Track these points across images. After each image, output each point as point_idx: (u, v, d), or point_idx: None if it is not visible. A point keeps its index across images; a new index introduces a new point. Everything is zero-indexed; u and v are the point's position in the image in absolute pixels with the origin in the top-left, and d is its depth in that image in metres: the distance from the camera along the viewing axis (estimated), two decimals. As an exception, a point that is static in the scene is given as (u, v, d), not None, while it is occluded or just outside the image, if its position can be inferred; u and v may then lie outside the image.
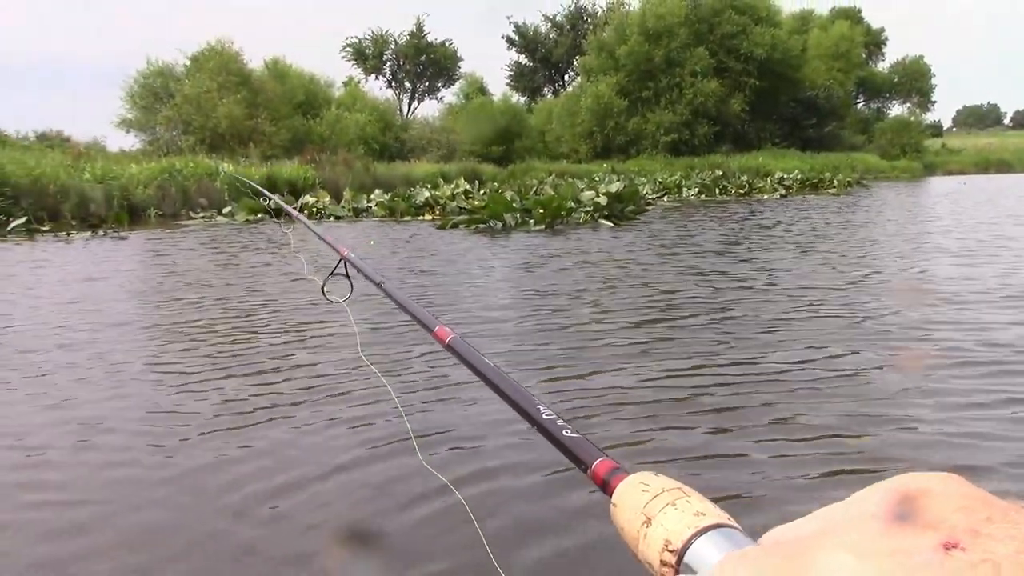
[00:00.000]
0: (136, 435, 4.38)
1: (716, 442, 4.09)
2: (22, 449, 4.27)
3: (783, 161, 47.21)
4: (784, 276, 9.80)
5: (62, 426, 4.60)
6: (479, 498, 3.40)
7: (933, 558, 0.31)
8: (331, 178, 30.32)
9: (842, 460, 3.82)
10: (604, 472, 0.75)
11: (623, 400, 4.79)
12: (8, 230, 18.74)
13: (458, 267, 11.63)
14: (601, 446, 0.80)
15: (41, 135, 44.47)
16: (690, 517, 0.57)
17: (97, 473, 3.91)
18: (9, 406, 5.07)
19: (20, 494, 3.72)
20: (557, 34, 72.08)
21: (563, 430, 0.89)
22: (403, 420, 4.22)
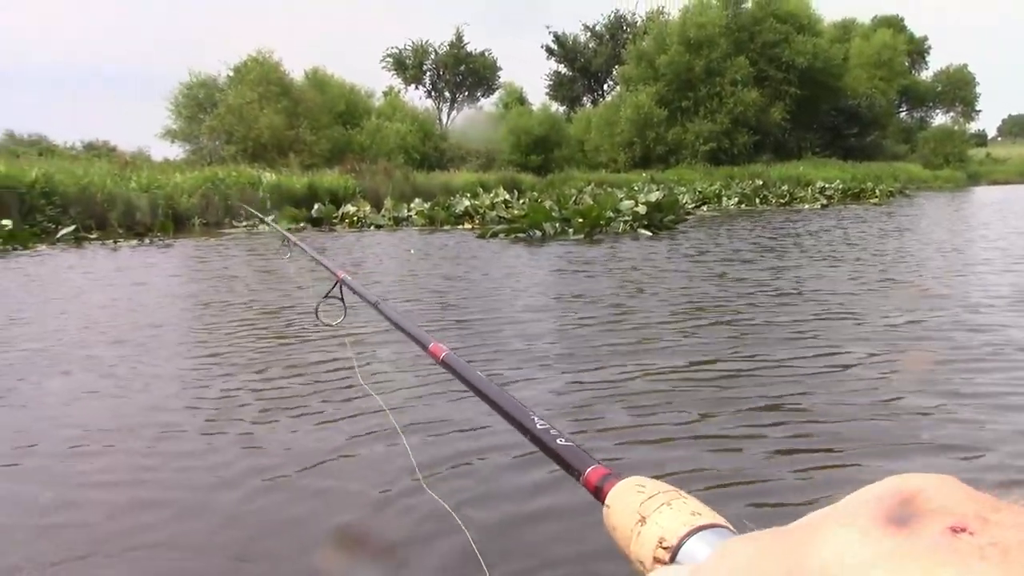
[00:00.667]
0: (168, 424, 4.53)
1: (746, 455, 4.13)
2: (86, 433, 4.60)
3: (824, 171, 46.78)
4: (816, 285, 9.77)
5: (122, 418, 4.82)
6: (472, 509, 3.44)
7: (941, 540, 0.31)
8: (371, 187, 30.57)
9: (874, 473, 3.84)
10: (597, 479, 0.76)
11: (643, 405, 4.84)
12: (57, 237, 19.11)
13: (497, 274, 11.71)
14: (597, 454, 0.82)
15: (88, 145, 45.33)
16: (686, 516, 0.59)
17: (150, 458, 4.13)
18: (72, 398, 5.37)
19: (85, 475, 3.98)
20: (596, 43, 72.06)
21: (556, 439, 0.91)
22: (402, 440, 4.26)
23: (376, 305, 2.06)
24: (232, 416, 4.85)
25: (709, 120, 52.88)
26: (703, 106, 53.48)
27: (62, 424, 4.82)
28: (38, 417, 5.02)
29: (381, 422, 4.47)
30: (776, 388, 5.19)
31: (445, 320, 8.08)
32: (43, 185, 21.42)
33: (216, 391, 5.43)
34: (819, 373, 5.57)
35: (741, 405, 4.86)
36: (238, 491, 3.70)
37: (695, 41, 53.36)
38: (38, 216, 20.78)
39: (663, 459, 4.01)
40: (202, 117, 42.46)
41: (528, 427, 0.98)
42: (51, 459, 4.24)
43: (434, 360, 1.46)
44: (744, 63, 53.00)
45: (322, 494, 3.65)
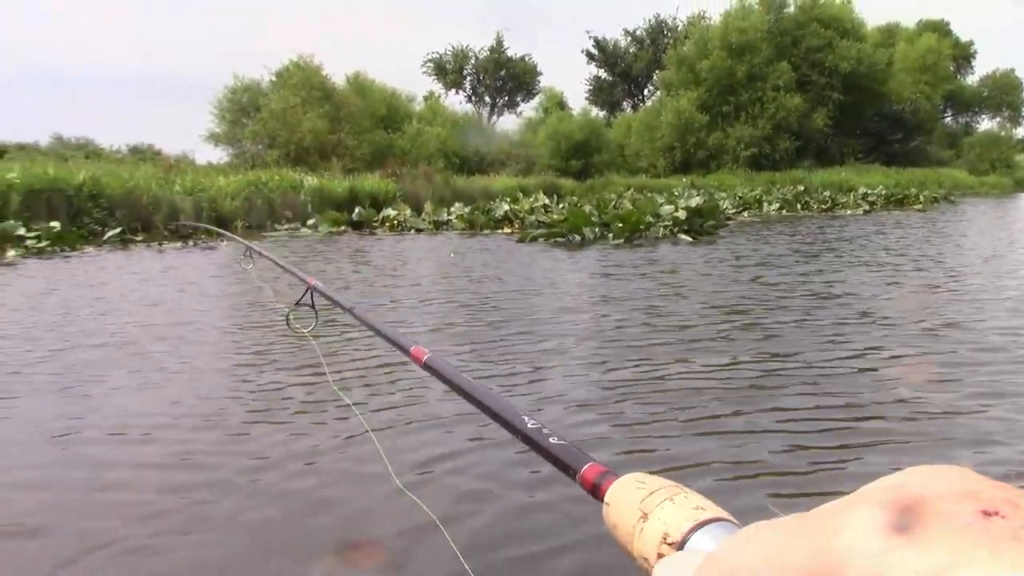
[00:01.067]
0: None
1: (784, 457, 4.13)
2: (134, 423, 4.84)
3: (867, 176, 46.25)
4: (850, 289, 9.70)
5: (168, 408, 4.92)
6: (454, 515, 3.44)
7: (973, 522, 0.30)
8: (412, 191, 30.72)
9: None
10: (593, 476, 0.76)
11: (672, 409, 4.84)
12: (104, 239, 19.42)
13: (534, 277, 11.75)
14: (592, 452, 0.82)
15: (133, 148, 46.01)
16: (689, 511, 0.58)
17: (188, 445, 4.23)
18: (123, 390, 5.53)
19: (133, 459, 4.25)
20: (637, 48, 71.86)
21: (549, 438, 0.90)
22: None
23: (351, 311, 2.01)
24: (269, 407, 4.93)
25: (750, 125, 52.55)
26: (744, 111, 53.15)
27: (113, 413, 5.02)
28: (93, 408, 5.18)
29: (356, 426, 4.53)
30: (798, 387, 5.18)
31: (481, 319, 8.12)
32: (90, 188, 21.75)
33: (255, 384, 5.53)
34: (847, 373, 5.55)
35: (769, 403, 4.87)
36: (278, 472, 3.77)
37: (737, 46, 53.03)
38: (85, 218, 21.11)
39: (695, 451, 4.03)
40: (245, 121, 42.88)
41: (519, 427, 0.97)
42: (101, 443, 4.47)
43: (417, 364, 1.45)
44: (786, 68, 52.60)
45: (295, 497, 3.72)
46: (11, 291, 11.37)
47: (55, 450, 4.44)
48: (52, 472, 4.11)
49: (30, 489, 3.89)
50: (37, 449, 4.47)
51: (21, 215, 19.46)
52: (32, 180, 20.90)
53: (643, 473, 0.67)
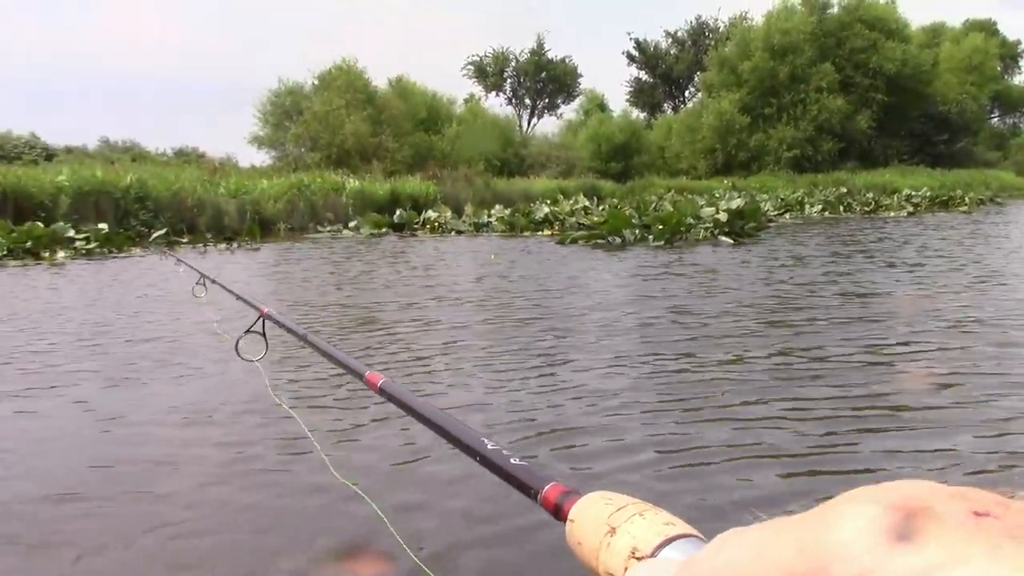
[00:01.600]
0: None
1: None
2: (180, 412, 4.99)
3: (911, 178, 45.65)
4: (887, 289, 9.62)
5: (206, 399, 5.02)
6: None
7: (967, 521, 0.30)
8: (452, 193, 30.90)
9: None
10: (556, 496, 0.75)
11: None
12: (150, 241, 19.73)
13: (572, 278, 11.78)
14: (550, 471, 0.84)
15: (178, 151, 46.62)
16: (659, 526, 0.57)
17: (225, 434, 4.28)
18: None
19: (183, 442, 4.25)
20: (678, 50, 71.52)
21: (509, 459, 0.89)
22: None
23: (304, 337, 1.97)
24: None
25: (792, 127, 52.14)
26: (786, 113, 52.75)
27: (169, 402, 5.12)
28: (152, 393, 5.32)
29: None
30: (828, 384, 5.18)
31: (521, 317, 8.17)
32: (137, 190, 22.12)
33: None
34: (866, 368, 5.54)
35: (792, 396, 4.87)
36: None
37: (779, 47, 52.64)
38: (132, 220, 21.48)
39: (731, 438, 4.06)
40: (288, 124, 43.29)
41: (478, 449, 0.96)
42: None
43: (372, 389, 1.43)
44: (830, 69, 52.11)
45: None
46: (66, 292, 11.62)
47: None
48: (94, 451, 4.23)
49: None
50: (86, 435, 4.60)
51: (70, 217, 19.85)
52: (81, 183, 21.32)
53: (609, 492, 0.67)
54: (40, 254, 16.53)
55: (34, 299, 10.72)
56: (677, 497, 3.55)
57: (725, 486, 3.69)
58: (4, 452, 4.45)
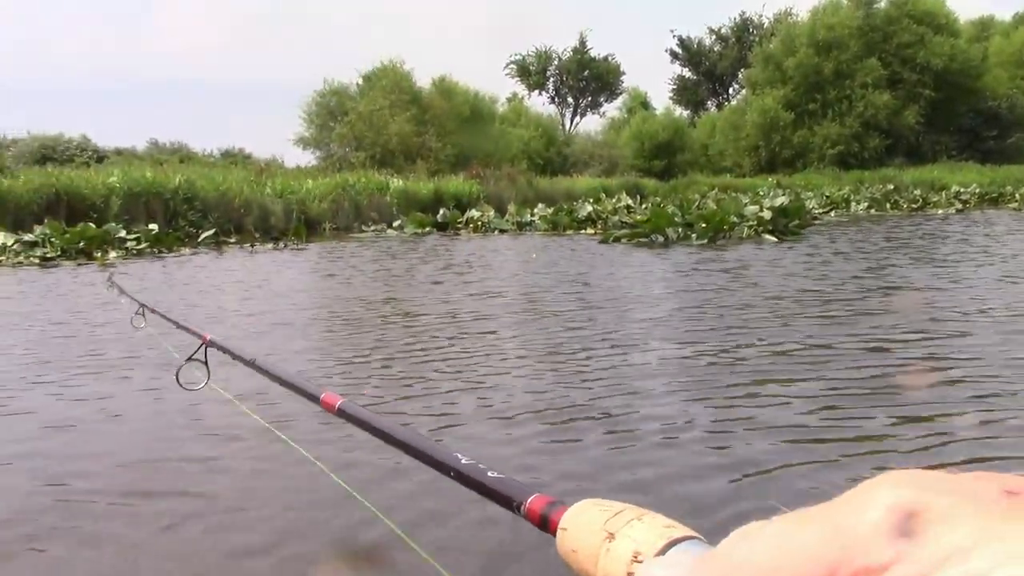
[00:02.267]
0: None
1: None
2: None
3: (960, 175, 44.97)
4: (925, 284, 9.56)
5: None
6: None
7: (1000, 499, 0.29)
8: (495, 192, 31.00)
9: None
10: (541, 507, 0.73)
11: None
12: (199, 241, 20.04)
13: (617, 277, 11.83)
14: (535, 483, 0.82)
15: (225, 152, 47.28)
16: (661, 528, 0.56)
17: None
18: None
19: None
20: (722, 47, 71.13)
21: (486, 472, 0.87)
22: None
23: (253, 363, 1.92)
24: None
25: (837, 123, 51.66)
26: (831, 109, 52.28)
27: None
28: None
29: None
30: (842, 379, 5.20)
31: (559, 315, 8.24)
32: (185, 191, 22.47)
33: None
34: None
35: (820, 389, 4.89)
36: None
37: (824, 43, 52.19)
38: (180, 220, 21.84)
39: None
40: (332, 125, 43.64)
41: (451, 464, 0.93)
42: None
43: (328, 411, 1.39)
44: (876, 65, 51.57)
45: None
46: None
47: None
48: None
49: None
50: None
51: (121, 218, 20.24)
52: (131, 184, 21.72)
53: (600, 499, 0.65)
54: (92, 254, 16.88)
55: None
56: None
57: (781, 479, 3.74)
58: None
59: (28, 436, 4.69)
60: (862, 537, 0.30)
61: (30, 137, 40.54)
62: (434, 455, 0.99)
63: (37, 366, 6.48)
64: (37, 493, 3.77)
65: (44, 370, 6.32)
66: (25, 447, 4.50)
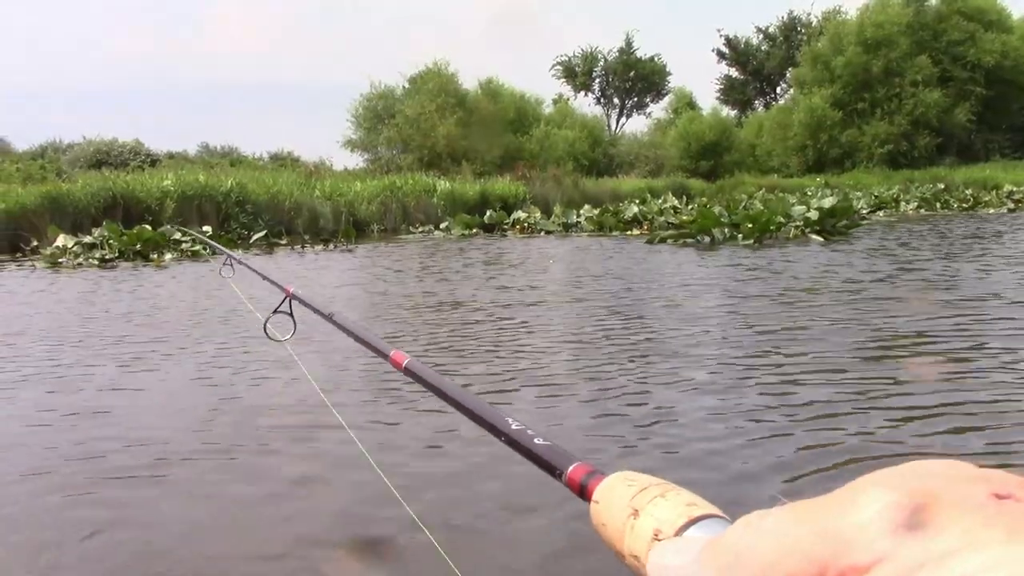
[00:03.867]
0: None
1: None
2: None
3: (1013, 173, 44.13)
4: (972, 288, 9.52)
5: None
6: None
7: (987, 503, 0.30)
8: (541, 193, 31.11)
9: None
10: (581, 476, 0.75)
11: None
12: (251, 242, 20.42)
13: (663, 276, 11.91)
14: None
15: (274, 155, 47.87)
16: (682, 507, 0.57)
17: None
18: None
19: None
20: (769, 46, 70.56)
21: (534, 439, 0.89)
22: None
23: (331, 317, 1.97)
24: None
25: (887, 122, 51.08)
26: (880, 108, 51.71)
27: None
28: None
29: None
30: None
31: (611, 310, 8.37)
32: (237, 194, 22.93)
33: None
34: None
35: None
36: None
37: (873, 41, 51.62)
38: (232, 223, 22.29)
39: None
40: (380, 128, 44.00)
41: (503, 429, 0.96)
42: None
43: (397, 368, 1.45)
44: (926, 63, 50.90)
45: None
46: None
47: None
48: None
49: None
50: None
51: (175, 220, 20.69)
52: (185, 187, 22.23)
53: (632, 472, 0.67)
54: (149, 256, 17.30)
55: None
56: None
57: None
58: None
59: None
60: (849, 537, 0.31)
61: (85, 142, 41.49)
62: (488, 418, 1.02)
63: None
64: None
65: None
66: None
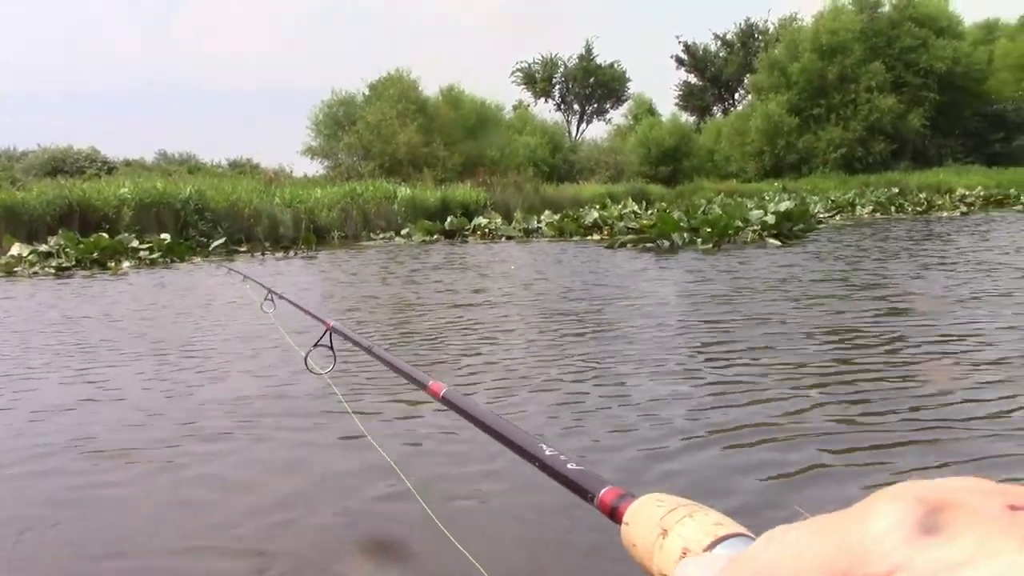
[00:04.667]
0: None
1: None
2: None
3: (966, 177, 45.00)
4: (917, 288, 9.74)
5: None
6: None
7: (1002, 514, 0.30)
8: (502, 199, 31.23)
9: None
10: (612, 499, 0.77)
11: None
12: (210, 250, 20.34)
13: (622, 280, 12.03)
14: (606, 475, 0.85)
15: (233, 162, 47.51)
16: (709, 526, 0.59)
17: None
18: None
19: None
20: (727, 52, 71.25)
21: (567, 464, 0.92)
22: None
23: (370, 349, 2.02)
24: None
25: (842, 127, 51.80)
26: (836, 113, 52.43)
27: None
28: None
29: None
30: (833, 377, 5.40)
31: (566, 313, 8.45)
32: (196, 201, 22.80)
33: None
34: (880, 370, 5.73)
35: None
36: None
37: (828, 47, 52.33)
38: (191, 230, 22.15)
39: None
40: (340, 134, 43.80)
41: (537, 455, 0.99)
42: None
43: (434, 398, 1.49)
44: (880, 69, 51.65)
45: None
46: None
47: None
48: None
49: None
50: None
51: (132, 228, 20.54)
52: (142, 195, 22.07)
53: (662, 493, 0.69)
54: (106, 264, 17.17)
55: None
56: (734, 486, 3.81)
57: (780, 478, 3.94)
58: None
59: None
60: (865, 549, 0.32)
61: (40, 149, 41.03)
62: (524, 445, 1.05)
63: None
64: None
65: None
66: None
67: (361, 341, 2.10)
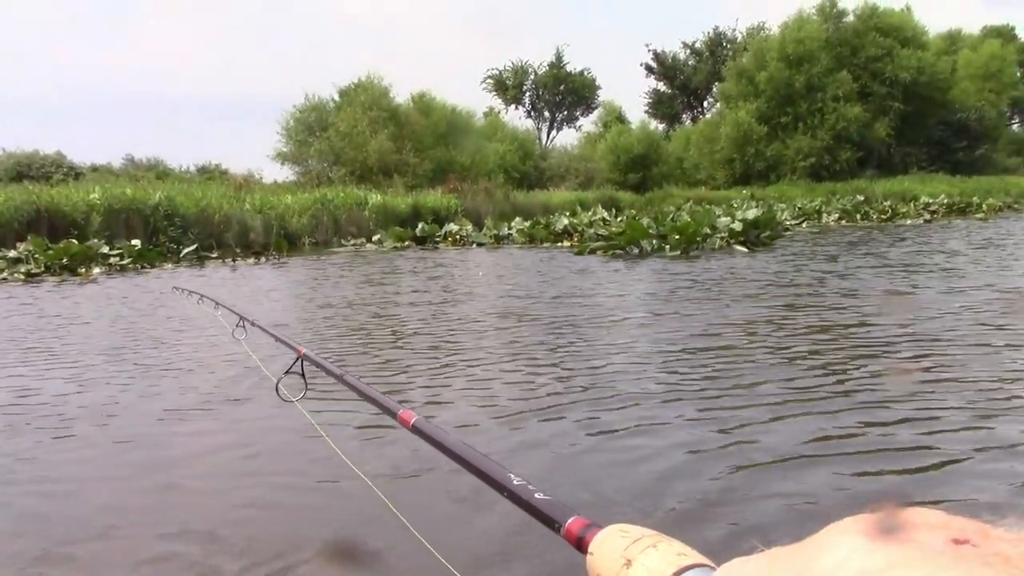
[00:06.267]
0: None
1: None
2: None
3: (930, 185, 45.74)
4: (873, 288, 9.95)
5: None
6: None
7: (945, 548, 0.31)
8: (472, 206, 31.38)
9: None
10: (578, 529, 0.78)
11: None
12: (181, 256, 20.27)
13: (591, 286, 12.16)
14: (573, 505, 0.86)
15: (202, 168, 47.24)
16: (672, 556, 0.59)
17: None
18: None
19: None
20: (696, 61, 71.87)
21: (534, 494, 0.93)
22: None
23: (341, 377, 2.00)
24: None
25: (809, 136, 52.40)
26: (803, 122, 53.03)
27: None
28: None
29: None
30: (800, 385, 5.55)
31: (537, 320, 8.57)
32: (166, 207, 22.69)
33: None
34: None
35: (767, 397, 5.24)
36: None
37: (795, 56, 52.95)
38: (161, 237, 22.05)
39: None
40: (311, 140, 43.62)
41: (505, 484, 1.00)
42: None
43: (405, 427, 1.48)
44: (846, 78, 52.33)
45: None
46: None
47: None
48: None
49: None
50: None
51: (102, 234, 20.42)
52: (112, 200, 21.92)
53: (627, 524, 0.69)
54: (76, 270, 17.08)
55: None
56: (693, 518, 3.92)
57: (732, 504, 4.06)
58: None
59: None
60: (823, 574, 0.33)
61: (5, 155, 40.62)
62: (491, 474, 1.06)
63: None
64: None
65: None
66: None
67: (333, 369, 2.09)
